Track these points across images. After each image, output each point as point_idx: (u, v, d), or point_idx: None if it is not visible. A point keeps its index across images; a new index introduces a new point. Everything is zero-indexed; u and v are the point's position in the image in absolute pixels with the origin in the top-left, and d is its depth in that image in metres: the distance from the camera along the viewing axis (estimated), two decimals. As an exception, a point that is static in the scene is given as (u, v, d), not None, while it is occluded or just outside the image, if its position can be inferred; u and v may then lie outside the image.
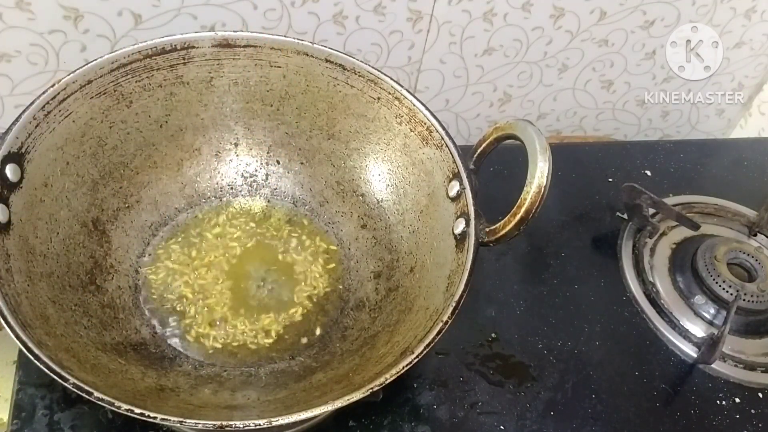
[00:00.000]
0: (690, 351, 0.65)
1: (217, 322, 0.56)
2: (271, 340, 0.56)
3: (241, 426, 0.40)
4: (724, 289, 0.67)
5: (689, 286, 0.70)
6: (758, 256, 0.70)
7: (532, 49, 0.86)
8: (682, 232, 0.75)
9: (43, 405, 0.53)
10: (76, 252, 0.53)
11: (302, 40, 0.58)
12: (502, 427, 0.58)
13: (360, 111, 0.60)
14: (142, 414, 0.40)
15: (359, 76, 0.59)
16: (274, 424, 0.41)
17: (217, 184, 0.63)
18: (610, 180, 0.79)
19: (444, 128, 0.56)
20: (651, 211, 0.73)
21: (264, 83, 0.60)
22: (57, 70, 0.70)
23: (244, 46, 0.58)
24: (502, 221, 0.50)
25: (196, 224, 0.61)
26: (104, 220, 0.56)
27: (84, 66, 0.53)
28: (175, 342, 0.54)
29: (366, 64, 0.58)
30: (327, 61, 0.59)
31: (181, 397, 0.48)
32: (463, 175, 0.53)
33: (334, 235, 0.62)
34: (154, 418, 0.40)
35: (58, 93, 0.51)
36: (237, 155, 0.63)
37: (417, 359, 0.44)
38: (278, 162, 0.64)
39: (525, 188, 0.48)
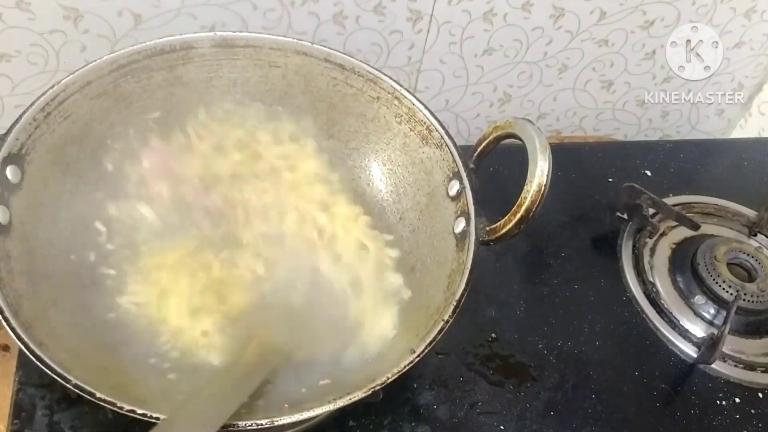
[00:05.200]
0: (690, 351, 0.65)
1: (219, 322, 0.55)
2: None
3: (244, 425, 0.40)
4: (724, 289, 0.67)
5: (689, 286, 0.70)
6: (758, 256, 0.70)
7: (532, 49, 0.86)
8: (682, 232, 0.75)
9: (43, 405, 0.53)
10: (78, 253, 0.53)
11: (301, 40, 0.58)
12: (502, 427, 0.58)
13: (359, 110, 0.60)
14: (144, 414, 0.40)
15: (358, 75, 0.59)
16: (276, 423, 0.41)
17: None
18: (610, 180, 0.79)
19: (444, 127, 0.56)
20: (651, 211, 0.73)
21: (263, 83, 0.60)
22: (57, 70, 0.70)
23: (244, 47, 0.58)
24: (503, 220, 0.50)
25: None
26: (105, 221, 0.56)
27: (83, 67, 0.53)
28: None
29: (365, 63, 0.58)
30: (326, 60, 0.59)
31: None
32: (463, 174, 0.53)
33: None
34: (157, 418, 0.40)
35: (58, 94, 0.51)
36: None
37: (418, 358, 0.44)
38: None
39: (525, 187, 0.48)
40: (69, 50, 0.69)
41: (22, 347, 0.41)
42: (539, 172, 0.48)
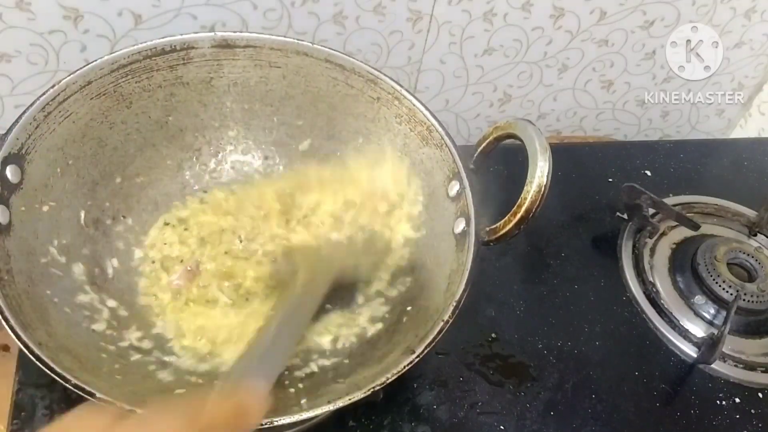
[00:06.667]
0: (690, 351, 0.65)
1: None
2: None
3: None
4: (724, 289, 0.67)
5: (689, 286, 0.70)
6: (758, 256, 0.70)
7: (532, 49, 0.86)
8: (682, 232, 0.75)
9: (43, 405, 0.53)
10: (77, 253, 0.53)
11: (302, 41, 0.59)
12: (502, 427, 0.58)
13: (360, 111, 0.60)
14: (142, 414, 0.40)
15: (359, 76, 0.59)
16: (275, 424, 0.41)
17: (216, 184, 0.63)
18: (610, 180, 0.79)
19: (444, 128, 0.56)
20: (651, 211, 0.73)
21: (264, 84, 0.60)
22: (57, 70, 0.70)
23: (244, 47, 0.58)
24: (503, 221, 0.50)
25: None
26: (104, 220, 0.56)
27: (84, 67, 0.53)
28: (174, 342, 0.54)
29: (365, 64, 0.58)
30: (326, 61, 0.59)
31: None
32: (463, 174, 0.53)
33: (334, 235, 0.62)
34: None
35: (58, 94, 0.51)
36: (237, 156, 0.63)
37: (418, 359, 0.44)
38: (278, 162, 0.64)
39: (525, 188, 0.48)
40: (69, 50, 0.69)
41: (22, 347, 0.41)
42: (539, 172, 0.48)
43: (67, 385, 0.40)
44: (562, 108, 0.97)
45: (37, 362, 0.40)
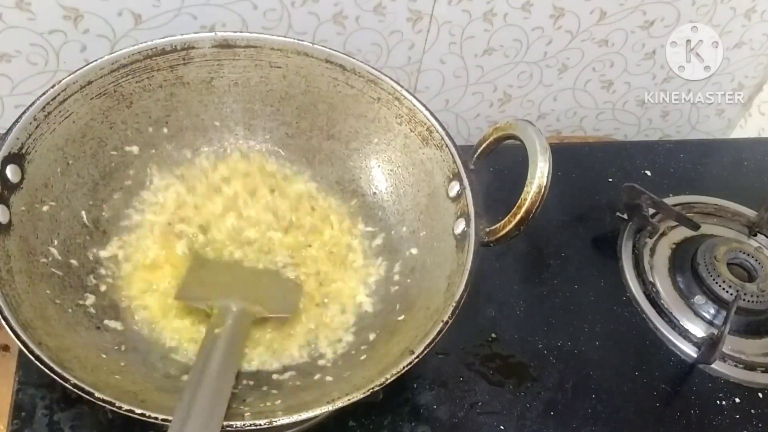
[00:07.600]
0: (690, 351, 0.65)
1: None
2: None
3: (241, 426, 0.40)
4: (724, 289, 0.67)
5: (689, 286, 0.70)
6: (758, 256, 0.70)
7: (532, 49, 0.86)
8: (682, 232, 0.75)
9: (43, 405, 0.53)
10: (77, 252, 0.53)
11: (302, 41, 0.59)
12: (502, 427, 0.58)
13: (360, 111, 0.60)
14: (143, 414, 0.40)
15: (359, 76, 0.59)
16: (274, 424, 0.41)
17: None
18: (610, 180, 0.79)
19: (444, 128, 0.56)
20: (651, 211, 0.73)
21: (264, 84, 0.60)
22: (57, 70, 0.70)
23: (245, 47, 0.58)
24: (503, 221, 0.50)
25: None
26: (105, 220, 0.56)
27: (84, 67, 0.53)
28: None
29: (366, 64, 0.58)
30: (327, 61, 0.59)
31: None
32: (464, 175, 0.53)
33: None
34: (155, 418, 0.40)
35: (59, 94, 0.51)
36: (237, 155, 0.63)
37: (417, 359, 0.44)
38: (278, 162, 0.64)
39: (525, 188, 0.48)
40: (69, 50, 0.69)
41: (21, 347, 0.41)
42: (539, 173, 0.48)
43: (67, 385, 0.40)
44: (562, 108, 0.97)
45: (37, 362, 0.40)
